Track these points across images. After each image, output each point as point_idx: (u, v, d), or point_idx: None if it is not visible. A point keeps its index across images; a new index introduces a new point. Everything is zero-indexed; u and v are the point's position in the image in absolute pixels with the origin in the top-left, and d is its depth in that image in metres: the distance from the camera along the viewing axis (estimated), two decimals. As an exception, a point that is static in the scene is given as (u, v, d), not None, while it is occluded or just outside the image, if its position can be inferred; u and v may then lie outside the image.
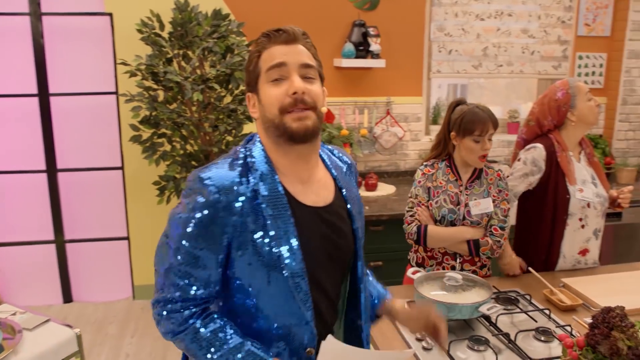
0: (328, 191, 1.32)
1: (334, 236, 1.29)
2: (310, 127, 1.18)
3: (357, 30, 3.67)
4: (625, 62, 4.20)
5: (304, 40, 1.25)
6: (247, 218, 1.16)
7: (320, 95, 1.22)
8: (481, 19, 4.01)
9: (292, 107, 1.17)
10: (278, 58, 1.20)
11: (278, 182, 1.21)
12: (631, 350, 1.52)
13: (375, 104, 3.93)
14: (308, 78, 1.20)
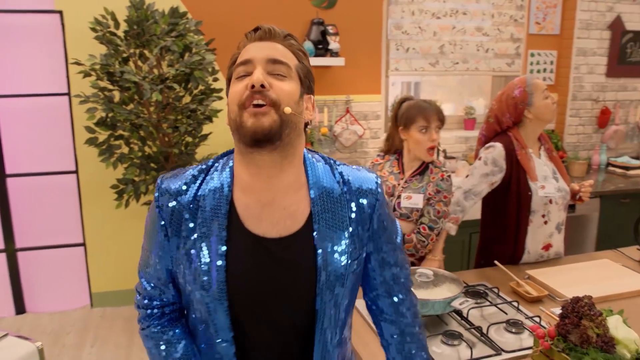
0: (294, 220, 1.11)
1: (280, 272, 1.09)
2: (267, 127, 1.01)
3: (315, 29, 3.65)
4: (574, 59, 4.35)
5: (285, 40, 1.12)
6: (183, 225, 1.10)
7: (288, 93, 1.05)
8: (437, 17, 4.07)
9: (250, 100, 1.02)
10: (245, 55, 1.08)
11: (226, 199, 1.09)
12: (600, 338, 1.57)
13: (334, 103, 3.93)
14: (277, 75, 1.06)
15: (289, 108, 1.04)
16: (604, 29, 4.35)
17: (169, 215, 1.11)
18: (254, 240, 1.09)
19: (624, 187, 3.95)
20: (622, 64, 4.48)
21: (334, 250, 1.11)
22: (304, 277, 1.10)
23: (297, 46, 1.14)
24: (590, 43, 4.35)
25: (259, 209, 1.10)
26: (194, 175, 1.13)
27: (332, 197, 1.14)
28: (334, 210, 1.13)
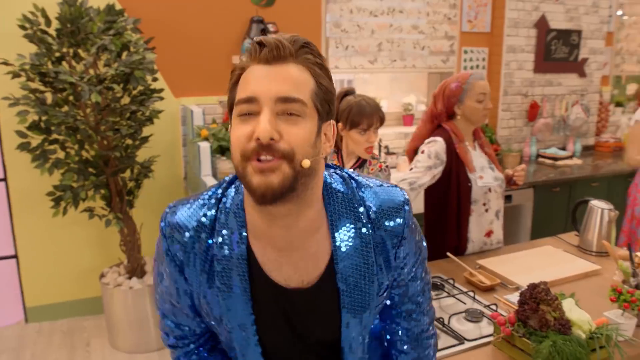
0: (315, 263, 1.02)
1: (301, 324, 1.06)
2: (277, 186, 0.88)
3: (255, 27, 3.61)
4: (505, 56, 4.53)
5: (300, 57, 0.92)
6: (201, 275, 1.01)
7: (303, 141, 0.89)
8: (374, 16, 4.12)
9: (256, 154, 0.88)
10: (249, 89, 0.90)
11: (243, 246, 0.99)
12: (557, 321, 1.64)
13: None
14: (290, 115, 0.89)
15: (307, 161, 0.90)
16: (531, 27, 4.56)
17: (184, 259, 1.02)
18: (277, 290, 1.02)
19: (554, 177, 4.17)
20: (548, 60, 4.72)
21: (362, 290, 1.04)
22: (329, 323, 1.06)
23: (314, 59, 0.94)
24: (519, 40, 4.54)
25: (276, 254, 1.01)
26: (205, 214, 1.01)
27: (354, 235, 1.03)
28: (357, 251, 1.03)
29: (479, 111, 2.40)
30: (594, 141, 5.27)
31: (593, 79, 5.03)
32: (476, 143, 2.53)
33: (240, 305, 1.00)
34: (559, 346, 1.57)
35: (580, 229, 2.62)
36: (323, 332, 1.07)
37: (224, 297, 1.00)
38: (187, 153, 3.61)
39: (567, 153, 4.74)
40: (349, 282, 1.02)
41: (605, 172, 4.44)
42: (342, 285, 1.02)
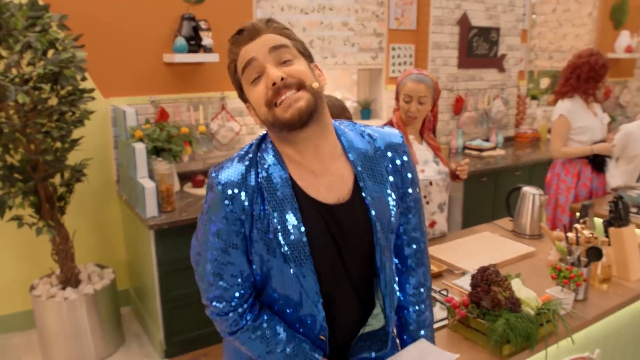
0: (344, 182, 1.22)
1: (345, 233, 1.21)
2: (304, 107, 1.11)
3: (187, 24, 3.52)
4: (431, 53, 4.69)
5: (270, 27, 1.18)
6: (254, 210, 1.17)
7: (305, 71, 1.15)
8: (305, 13, 4.14)
9: (277, 97, 1.12)
10: (246, 57, 1.15)
11: (285, 173, 1.19)
12: (508, 300, 1.72)
13: (210, 100, 3.83)
14: (285, 61, 1.14)
15: (316, 83, 1.15)
16: (454, 24, 4.75)
17: (240, 203, 1.16)
18: (319, 206, 1.20)
19: (481, 167, 4.37)
20: (470, 56, 4.93)
21: (382, 202, 1.24)
22: (363, 232, 1.23)
23: (281, 26, 1.19)
24: (443, 37, 4.72)
25: (313, 178, 1.21)
26: (247, 165, 1.19)
27: (367, 156, 1.26)
28: (372, 167, 1.25)
29: (404, 110, 2.47)
30: (514, 132, 5.56)
31: (511, 74, 5.32)
32: (424, 137, 2.60)
33: (292, 217, 1.16)
34: (511, 323, 1.65)
35: (514, 214, 2.77)
36: (359, 241, 1.23)
37: (278, 213, 1.16)
38: (119, 155, 3.47)
39: (491, 144, 4.98)
40: (373, 196, 1.24)
41: (526, 161, 4.71)
42: (369, 197, 1.23)
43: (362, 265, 1.26)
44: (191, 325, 3.17)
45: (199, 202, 3.25)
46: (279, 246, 1.16)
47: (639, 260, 2.25)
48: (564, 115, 3.45)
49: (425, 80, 2.45)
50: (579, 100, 3.46)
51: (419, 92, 2.42)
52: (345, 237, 1.22)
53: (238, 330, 1.24)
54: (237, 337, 1.25)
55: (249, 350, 1.27)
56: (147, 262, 3.13)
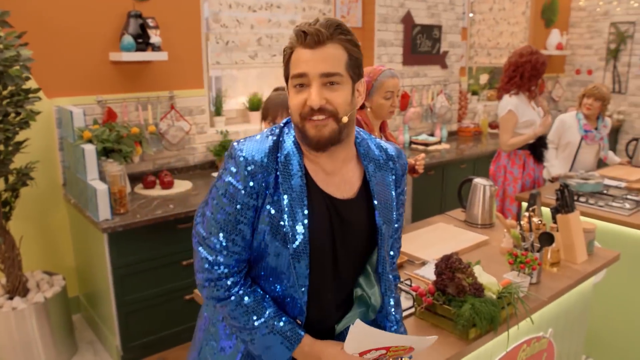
0: (351, 185, 1.34)
1: (345, 230, 1.31)
2: (327, 136, 1.22)
3: (133, 22, 3.44)
4: (376, 50, 4.78)
5: (335, 37, 1.21)
6: (267, 190, 1.25)
7: (343, 103, 1.23)
8: (253, 11, 4.13)
9: (310, 115, 1.22)
10: (299, 67, 1.22)
11: (301, 164, 1.28)
12: (472, 286, 1.80)
13: (158, 99, 3.75)
14: (332, 84, 1.22)
15: (346, 117, 1.24)
16: (398, 22, 4.86)
17: (257, 181, 1.24)
18: (327, 198, 1.30)
19: (428, 162, 4.49)
20: (415, 53, 5.06)
21: (388, 207, 1.37)
22: (364, 231, 1.34)
23: (346, 37, 1.23)
24: (388, 35, 4.82)
25: (324, 175, 1.31)
26: (270, 145, 1.27)
27: (379, 164, 1.39)
28: (382, 175, 1.38)
29: (384, 107, 2.51)
30: (457, 127, 5.75)
31: (453, 70, 5.49)
32: (382, 135, 2.66)
33: (300, 207, 1.25)
34: (477, 308, 1.73)
35: (467, 205, 2.87)
36: (357, 240, 1.34)
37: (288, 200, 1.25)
38: (66, 157, 3.35)
39: (436, 139, 5.13)
40: (379, 198, 1.36)
41: (470, 154, 4.89)
42: (376, 200, 1.35)
43: (353, 263, 1.37)
44: (149, 329, 3.11)
45: (152, 203, 3.19)
46: (281, 230, 1.24)
47: (583, 244, 2.40)
48: (513, 111, 3.61)
49: (396, 75, 2.55)
50: (523, 97, 3.63)
51: (397, 87, 2.52)
52: (346, 233, 1.32)
53: (228, 297, 1.29)
54: (226, 304, 1.30)
55: (234, 320, 1.31)
56: (100, 267, 3.04)
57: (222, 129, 4.12)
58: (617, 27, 6.57)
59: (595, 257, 2.43)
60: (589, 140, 3.91)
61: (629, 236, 2.96)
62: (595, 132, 3.91)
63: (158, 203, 3.20)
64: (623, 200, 3.25)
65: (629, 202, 3.22)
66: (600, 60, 6.79)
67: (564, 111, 6.76)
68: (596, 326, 3.01)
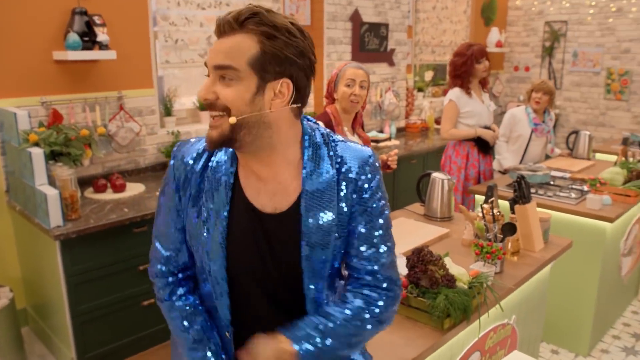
0: (286, 196, 1.20)
1: (275, 249, 1.20)
2: (216, 138, 1.12)
3: (78, 19, 3.30)
4: (326, 48, 4.80)
5: (247, 27, 1.08)
6: (193, 192, 1.22)
7: (234, 100, 1.09)
8: (202, 8, 4.05)
9: (209, 111, 1.14)
10: (208, 55, 1.18)
11: (230, 172, 1.21)
12: (444, 277, 1.83)
13: (107, 100, 3.62)
14: (227, 80, 1.10)
15: (233, 118, 1.10)
16: (347, 20, 4.90)
17: (183, 179, 1.23)
18: (252, 211, 1.20)
19: (381, 158, 4.55)
20: (363, 51, 5.11)
21: (319, 226, 1.19)
22: (292, 250, 1.20)
23: (263, 28, 1.08)
24: (337, 33, 4.85)
25: (257, 182, 1.21)
26: (203, 147, 1.23)
27: (322, 176, 1.20)
28: (323, 189, 1.19)
29: (345, 95, 2.54)
30: (405, 123, 5.86)
31: (400, 68, 5.59)
32: (356, 131, 2.67)
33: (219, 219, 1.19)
34: (450, 298, 1.76)
35: (425, 199, 2.93)
36: (284, 258, 1.21)
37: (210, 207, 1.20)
38: (9, 162, 3.17)
39: (386, 135, 5.21)
40: (309, 216, 1.18)
41: (420, 150, 4.99)
42: (305, 218, 1.18)
43: (284, 281, 1.23)
44: (106, 338, 2.99)
45: (105, 207, 3.07)
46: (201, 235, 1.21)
47: (540, 233, 2.50)
48: (453, 100, 3.83)
49: (363, 68, 2.61)
50: (467, 88, 3.80)
51: (360, 77, 2.56)
52: (277, 252, 1.20)
53: (162, 298, 1.32)
54: (161, 306, 1.34)
55: (168, 323, 1.34)
56: (51, 276, 2.90)
57: (173, 129, 4.02)
58: (551, 25, 6.88)
59: (551, 245, 2.54)
60: (538, 133, 4.07)
61: (576, 224, 3.10)
62: (544, 125, 4.08)
63: (111, 207, 3.09)
64: (569, 190, 3.41)
65: (575, 191, 3.37)
66: (537, 57, 7.09)
67: (505, 107, 7.02)
68: (548, 311, 3.14)
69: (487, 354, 2.11)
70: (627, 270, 3.59)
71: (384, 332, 1.72)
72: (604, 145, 5.23)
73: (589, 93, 6.69)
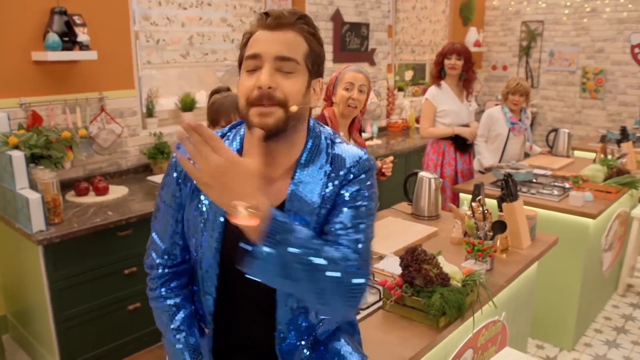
0: (276, 197, 1.20)
1: None
2: (271, 125, 1.12)
3: (58, 19, 3.23)
4: (308, 48, 4.78)
5: (296, 25, 1.15)
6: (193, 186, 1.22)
7: (294, 92, 1.13)
8: (184, 8, 4.01)
9: (258, 101, 1.12)
10: (255, 48, 1.14)
11: None
12: (438, 276, 1.84)
13: (87, 101, 3.55)
14: (285, 72, 1.13)
15: (295, 107, 1.13)
16: (328, 20, 4.89)
17: (184, 171, 1.21)
18: None
19: (364, 157, 4.56)
20: (344, 50, 5.12)
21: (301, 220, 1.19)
22: None
23: (309, 29, 1.18)
24: (319, 33, 4.83)
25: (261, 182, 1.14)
26: None
27: (313, 175, 1.21)
28: (311, 187, 1.20)
29: (342, 98, 2.52)
30: (386, 123, 5.88)
31: (381, 67, 5.61)
32: (352, 136, 2.67)
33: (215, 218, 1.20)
34: (446, 297, 1.77)
35: (413, 198, 2.95)
36: None
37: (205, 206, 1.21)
38: (-13, 166, 3.09)
39: (368, 135, 5.22)
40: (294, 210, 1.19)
41: (401, 149, 5.01)
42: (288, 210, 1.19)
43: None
44: (91, 344, 2.94)
45: (88, 211, 3.02)
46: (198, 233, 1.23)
47: (527, 230, 2.53)
48: (428, 99, 3.94)
49: (363, 72, 2.58)
50: (446, 87, 3.90)
51: (360, 81, 2.54)
52: None
53: (153, 288, 1.33)
54: (149, 294, 1.35)
55: (154, 314, 1.36)
56: (34, 282, 2.84)
57: (155, 130, 3.97)
58: (527, 25, 6.98)
59: (538, 242, 2.57)
60: (515, 132, 4.13)
61: (559, 221, 3.15)
62: (520, 123, 4.14)
63: (94, 211, 3.04)
64: (551, 187, 3.46)
65: (557, 188, 3.43)
66: (514, 56, 7.19)
67: (483, 106, 7.10)
68: (534, 307, 3.18)
69: (479, 350, 2.13)
70: (607, 265, 3.66)
71: (379, 332, 1.73)
72: (582, 143, 5.32)
73: (565, 92, 6.81)
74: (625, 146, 4.06)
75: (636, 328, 3.56)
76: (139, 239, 3.04)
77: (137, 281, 3.08)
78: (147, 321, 3.17)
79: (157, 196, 1.31)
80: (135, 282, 3.07)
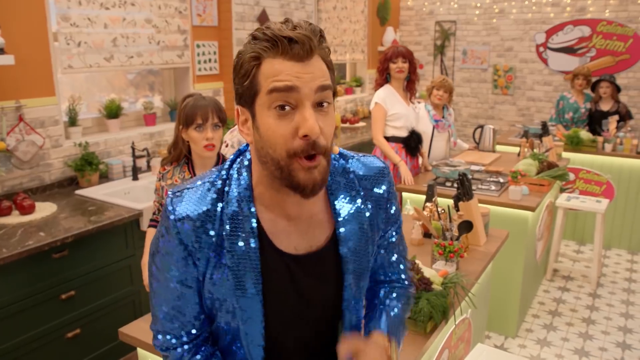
0: (321, 230, 1.08)
1: (310, 288, 1.09)
2: (319, 180, 0.96)
3: (-33, 21, 2.91)
4: (235, 49, 4.66)
5: (321, 46, 0.96)
6: (208, 252, 1.02)
7: (332, 130, 0.98)
8: (106, 8, 3.75)
9: (304, 153, 0.93)
10: (286, 79, 0.91)
11: (251, 221, 1.02)
12: (421, 281, 1.84)
13: (3, 110, 3.23)
14: (322, 106, 0.95)
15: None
16: (254, 21, 4.79)
17: (193, 241, 1.02)
18: (287, 259, 1.05)
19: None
20: (272, 52, 5.03)
21: (358, 253, 1.11)
22: (334, 283, 1.11)
23: (325, 46, 0.99)
24: (246, 34, 4.72)
25: (285, 222, 1.06)
26: (212, 198, 1.03)
27: (351, 201, 1.11)
28: (354, 217, 1.11)
29: None
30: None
31: (307, 68, 5.58)
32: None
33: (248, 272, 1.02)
34: (432, 301, 1.77)
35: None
36: (326, 294, 1.11)
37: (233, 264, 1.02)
38: None
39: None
40: (349, 246, 1.09)
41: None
42: (344, 249, 1.09)
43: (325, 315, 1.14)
44: (29, 379, 2.68)
45: (16, 233, 2.74)
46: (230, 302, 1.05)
47: (483, 227, 2.60)
48: (379, 103, 3.84)
49: None
50: (391, 89, 3.84)
51: None
52: (312, 288, 1.09)
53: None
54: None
55: None
56: (-43, 315, 2.54)
57: (79, 140, 3.69)
58: (441, 25, 7.25)
59: (492, 238, 2.66)
60: (440, 129, 4.24)
61: (501, 215, 3.28)
62: (444, 120, 4.25)
63: (23, 232, 2.76)
64: (489, 182, 3.60)
65: (494, 183, 3.57)
66: (429, 55, 7.44)
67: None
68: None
69: (452, 350, 2.16)
70: (539, 253, 3.87)
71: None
72: (503, 138, 5.60)
73: (479, 88, 7.14)
74: (546, 140, 4.31)
75: (568, 310, 3.80)
76: (75, 261, 2.82)
77: (76, 305, 2.85)
78: (88, 348, 2.94)
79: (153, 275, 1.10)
80: (74, 306, 2.84)
